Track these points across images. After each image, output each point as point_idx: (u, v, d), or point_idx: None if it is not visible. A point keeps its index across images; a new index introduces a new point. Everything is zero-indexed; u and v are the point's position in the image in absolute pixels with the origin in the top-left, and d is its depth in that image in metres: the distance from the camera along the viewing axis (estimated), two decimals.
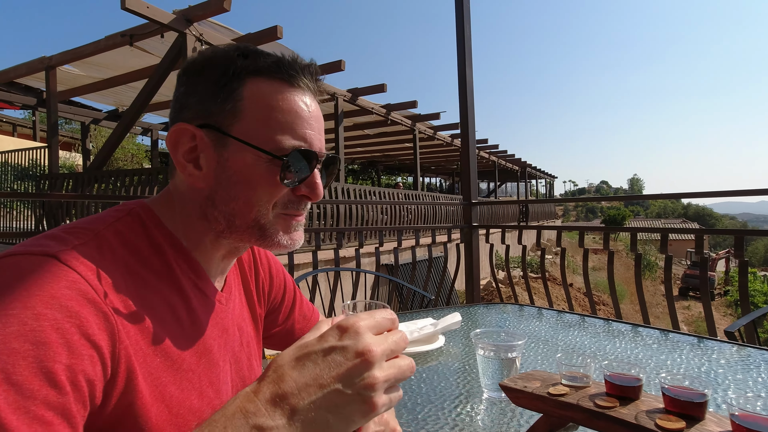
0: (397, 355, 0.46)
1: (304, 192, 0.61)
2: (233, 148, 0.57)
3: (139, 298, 0.52)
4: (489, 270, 3.75)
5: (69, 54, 6.55)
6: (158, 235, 0.58)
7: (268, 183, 0.57)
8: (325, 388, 0.41)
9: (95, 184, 6.85)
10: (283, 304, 0.84)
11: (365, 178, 26.40)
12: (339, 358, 0.42)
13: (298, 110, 0.59)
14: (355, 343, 0.42)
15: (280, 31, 5.66)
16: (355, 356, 0.42)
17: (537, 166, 26.01)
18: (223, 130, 0.57)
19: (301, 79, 0.60)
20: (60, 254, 0.47)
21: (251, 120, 0.57)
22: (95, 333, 0.44)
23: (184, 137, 0.58)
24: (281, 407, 0.40)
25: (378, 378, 0.42)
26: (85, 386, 0.42)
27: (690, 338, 1.27)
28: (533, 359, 1.11)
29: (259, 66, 0.58)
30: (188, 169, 0.58)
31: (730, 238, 2.56)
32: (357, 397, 0.41)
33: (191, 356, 0.56)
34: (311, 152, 0.59)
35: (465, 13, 3.40)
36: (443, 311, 1.56)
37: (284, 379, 0.41)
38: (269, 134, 0.57)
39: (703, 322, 15.66)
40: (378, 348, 0.43)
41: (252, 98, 0.57)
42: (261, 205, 0.58)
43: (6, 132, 14.05)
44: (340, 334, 0.43)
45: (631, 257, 18.03)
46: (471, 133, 3.48)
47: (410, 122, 11.32)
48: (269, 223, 0.59)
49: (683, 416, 0.56)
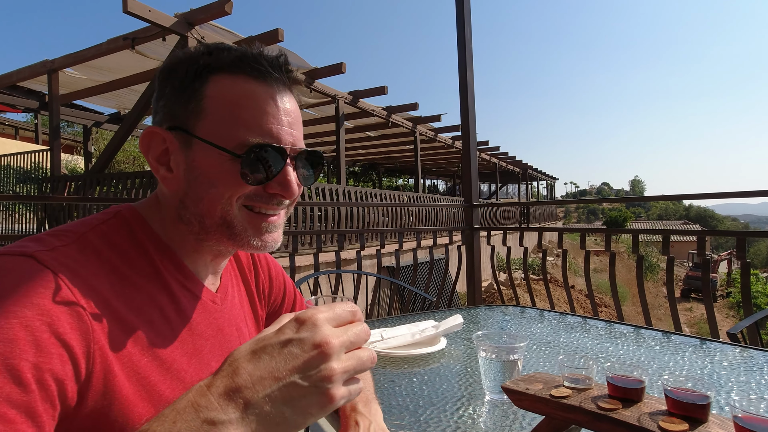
0: (358, 346, 0.45)
1: (276, 190, 0.58)
2: (197, 147, 0.56)
3: (124, 299, 0.52)
4: (490, 272, 3.75)
5: (71, 57, 6.57)
6: (143, 237, 0.58)
7: (228, 180, 0.56)
8: (281, 380, 0.40)
9: (97, 187, 6.86)
10: (283, 306, 0.84)
11: (366, 180, 26.42)
12: (295, 350, 0.41)
13: (263, 105, 0.57)
14: (312, 335, 0.41)
15: (282, 33, 5.68)
16: (312, 348, 0.41)
17: (538, 168, 26.01)
18: (188, 130, 0.56)
19: (268, 73, 0.58)
20: (37, 254, 0.47)
21: (213, 118, 0.56)
22: (66, 332, 0.44)
23: (154, 141, 0.59)
24: (234, 401, 0.39)
25: (335, 370, 0.41)
26: (53, 385, 0.42)
27: (692, 340, 1.27)
28: (535, 361, 1.10)
29: (221, 62, 0.57)
30: (161, 173, 0.59)
31: (732, 240, 2.56)
32: (314, 389, 0.40)
33: (181, 356, 0.56)
34: (277, 147, 0.57)
35: (465, 14, 3.41)
36: (445, 313, 1.56)
37: (238, 372, 0.40)
38: (231, 132, 0.55)
39: (705, 323, 15.59)
40: (336, 340, 0.42)
41: (214, 96, 0.56)
42: (224, 201, 0.57)
43: (8, 135, 14.09)
44: (298, 326, 0.42)
45: (632, 259, 17.98)
46: (472, 134, 3.48)
47: (411, 124, 11.33)
48: (236, 220, 0.58)
49: (686, 418, 0.56)
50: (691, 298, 23.10)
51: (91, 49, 6.27)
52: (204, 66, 0.57)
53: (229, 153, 0.55)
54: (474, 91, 3.49)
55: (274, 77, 0.58)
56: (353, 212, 7.79)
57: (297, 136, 0.60)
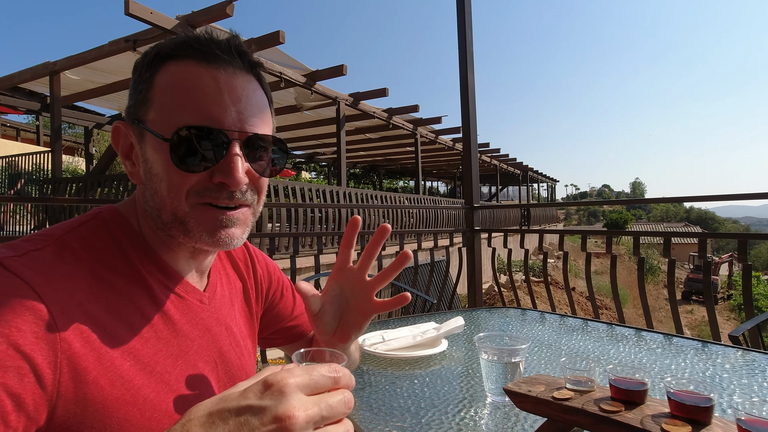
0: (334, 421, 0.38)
1: (220, 178, 0.54)
2: (147, 138, 0.55)
3: (103, 302, 0.50)
4: (491, 274, 3.74)
5: (73, 59, 6.60)
6: (123, 237, 0.57)
7: (172, 170, 0.53)
8: None
9: (98, 188, 6.87)
10: (282, 301, 0.83)
11: (367, 182, 26.43)
12: (253, 422, 0.35)
13: (202, 87, 0.53)
14: (275, 405, 0.35)
15: (282, 36, 5.70)
16: (273, 421, 0.35)
17: (538, 170, 26.01)
18: (140, 121, 0.55)
19: (214, 54, 0.54)
20: (5, 260, 0.46)
21: (157, 106, 0.54)
22: (27, 344, 0.42)
23: (120, 136, 0.59)
24: None
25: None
26: (6, 401, 0.40)
27: (694, 342, 1.26)
28: (536, 363, 1.10)
29: (167, 49, 0.55)
30: (128, 168, 0.59)
31: (733, 242, 2.56)
32: None
33: (166, 358, 0.55)
34: (214, 130, 0.52)
35: (466, 17, 3.42)
36: (445, 315, 1.56)
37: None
38: (170, 118, 0.53)
39: (706, 326, 15.57)
40: (302, 413, 0.35)
41: (159, 83, 0.55)
42: (173, 195, 0.54)
43: (10, 137, 14.12)
44: (263, 391, 0.37)
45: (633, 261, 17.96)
46: (473, 136, 3.48)
47: (412, 126, 11.35)
48: (187, 216, 0.55)
49: (689, 421, 0.56)
50: (692, 301, 23.08)
51: (92, 51, 6.29)
52: (154, 55, 0.56)
53: (161, 138, 0.53)
54: (475, 93, 3.50)
55: (222, 59, 0.55)
56: (354, 214, 7.79)
57: (247, 120, 0.55)
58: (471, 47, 3.46)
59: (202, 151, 0.53)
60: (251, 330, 0.76)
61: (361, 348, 1.19)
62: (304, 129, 11.03)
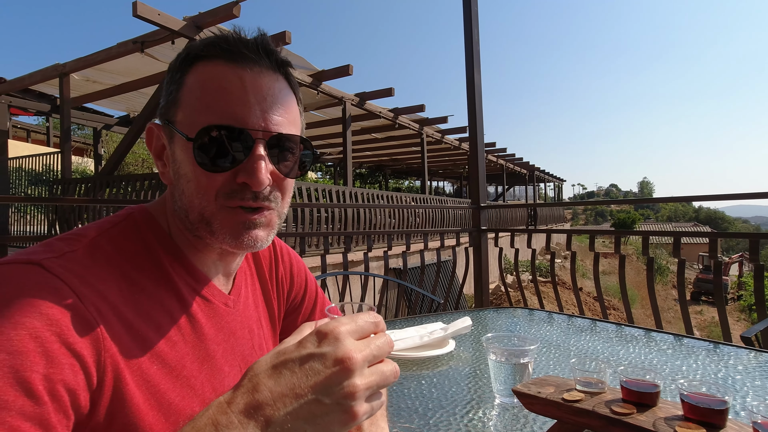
0: (381, 360, 0.43)
1: (243, 178, 0.53)
2: (176, 139, 0.55)
3: (133, 305, 0.51)
4: (498, 274, 3.73)
5: (82, 61, 6.66)
6: (153, 240, 0.57)
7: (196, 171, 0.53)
8: (302, 398, 0.38)
9: (107, 189, 6.93)
10: (303, 304, 0.82)
11: (373, 182, 26.44)
12: (317, 366, 0.39)
13: (227, 86, 0.53)
14: (335, 350, 0.40)
15: (289, 36, 5.71)
16: (334, 364, 0.39)
17: (545, 170, 25.87)
18: (170, 122, 0.56)
19: (240, 54, 0.54)
20: (44, 262, 0.46)
21: (185, 106, 0.55)
22: (76, 342, 0.43)
23: (152, 137, 0.59)
24: (255, 418, 0.38)
25: (358, 386, 0.39)
26: (65, 396, 0.41)
27: (705, 343, 1.25)
28: (545, 364, 1.09)
29: (197, 49, 0.56)
30: (159, 168, 0.59)
31: (743, 242, 2.52)
32: (336, 407, 0.39)
33: (192, 363, 0.55)
34: (237, 129, 0.52)
35: (473, 16, 3.40)
36: (452, 315, 1.55)
37: (259, 388, 0.39)
38: (196, 118, 0.53)
39: (715, 327, 15.39)
40: (359, 354, 0.40)
41: (189, 84, 0.55)
42: (201, 196, 0.54)
43: (20, 138, 14.30)
44: (319, 340, 0.41)
45: (641, 261, 17.83)
46: (479, 136, 3.47)
47: (418, 126, 11.33)
48: (213, 216, 0.55)
49: (703, 423, 0.55)
50: (702, 301, 22.81)
51: (101, 52, 6.35)
52: (185, 55, 0.56)
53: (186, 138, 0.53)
54: (481, 93, 3.48)
55: (249, 58, 0.55)
56: (360, 214, 7.80)
57: (273, 120, 0.55)
58: (477, 46, 3.45)
59: (226, 151, 0.52)
60: (273, 332, 0.75)
61: None
62: (310, 129, 11.05)
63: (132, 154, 13.90)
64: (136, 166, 14.90)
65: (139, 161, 14.99)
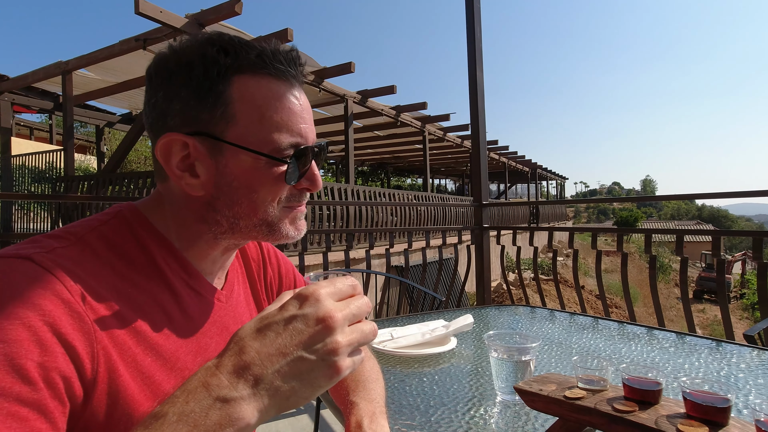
0: (360, 320, 0.46)
1: (305, 186, 0.61)
2: (230, 153, 0.55)
3: (126, 299, 0.51)
4: (500, 272, 3.72)
5: (84, 58, 6.67)
6: (146, 236, 0.57)
7: (270, 184, 0.57)
8: (288, 356, 0.41)
9: (109, 186, 6.96)
10: None
11: (375, 180, 26.43)
12: (300, 326, 0.42)
13: (290, 105, 0.58)
14: (316, 311, 0.42)
15: (291, 33, 5.70)
16: (316, 323, 0.42)
17: (547, 168, 25.80)
18: (216, 136, 0.55)
19: (287, 71, 0.58)
20: (34, 256, 0.46)
21: (245, 123, 0.55)
22: (68, 333, 0.44)
23: (175, 147, 0.55)
24: (245, 377, 0.40)
25: (341, 343, 0.42)
26: (60, 383, 0.42)
27: (707, 341, 1.24)
28: (546, 362, 1.09)
29: (242, 62, 0.55)
30: (185, 179, 0.56)
31: (746, 240, 2.51)
32: (321, 362, 0.42)
33: (186, 354, 0.56)
34: (309, 147, 0.59)
35: (475, 13, 3.39)
36: (454, 313, 1.55)
37: (245, 350, 0.41)
38: (265, 135, 0.56)
39: (718, 325, 15.35)
40: (339, 314, 0.43)
41: (242, 99, 0.55)
42: (266, 204, 0.58)
43: (23, 135, 14.35)
44: (300, 303, 0.43)
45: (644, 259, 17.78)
46: (482, 134, 3.46)
47: (420, 124, 11.31)
48: (277, 219, 0.60)
49: (705, 421, 0.55)
50: (704, 300, 22.75)
51: (103, 50, 6.35)
52: (226, 67, 0.55)
53: (270, 157, 0.56)
54: (484, 91, 3.47)
55: (292, 74, 0.59)
56: (362, 211, 7.80)
57: (314, 132, 0.62)
58: (480, 44, 3.43)
59: (299, 165, 0.58)
60: None
61: (369, 346, 1.19)
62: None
63: (135, 152, 13.92)
64: (139, 163, 14.93)
65: (141, 159, 15.02)
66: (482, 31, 3.47)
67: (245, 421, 0.39)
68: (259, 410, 0.40)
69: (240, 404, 0.39)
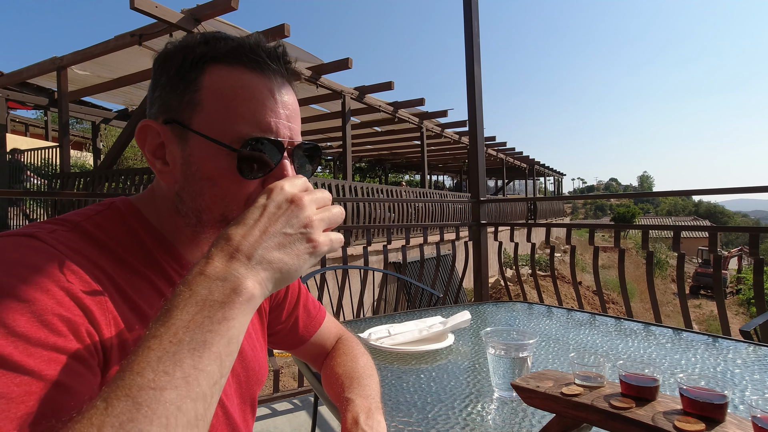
0: (325, 204, 0.51)
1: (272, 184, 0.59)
2: (194, 141, 0.55)
3: (126, 280, 0.52)
4: (497, 268, 3.72)
5: (79, 54, 6.61)
6: (138, 227, 0.58)
7: (229, 178, 0.55)
8: (270, 234, 0.45)
9: (106, 183, 6.92)
10: (286, 299, 0.83)
11: (372, 176, 26.39)
12: (273, 209, 0.47)
13: (262, 98, 0.55)
14: (284, 195, 0.48)
15: (288, 29, 5.66)
16: (288, 204, 0.47)
17: (545, 164, 25.81)
18: (184, 123, 0.55)
19: (266, 64, 0.56)
20: (38, 234, 0.48)
21: (210, 111, 0.54)
22: (84, 298, 0.45)
23: (149, 134, 0.57)
24: (237, 258, 0.43)
25: (312, 218, 0.48)
26: (87, 338, 0.43)
27: (704, 337, 1.25)
28: (544, 358, 1.09)
29: (218, 52, 0.55)
30: (158, 166, 0.58)
31: (742, 236, 2.52)
32: (299, 236, 0.47)
33: None
34: (275, 141, 0.55)
35: (473, 9, 3.37)
36: (452, 309, 1.55)
37: (232, 238, 0.44)
38: (227, 125, 0.54)
39: (714, 320, 15.44)
40: (304, 195, 0.49)
41: (211, 87, 0.55)
42: (228, 200, 0.56)
43: (19, 132, 14.23)
44: (268, 194, 0.48)
45: (640, 255, 17.89)
46: (479, 130, 3.45)
47: (418, 120, 11.28)
48: None
49: (702, 418, 0.55)
50: (701, 295, 22.87)
51: (99, 45, 6.29)
52: (200, 56, 0.55)
53: (226, 147, 0.54)
54: (481, 87, 3.46)
55: (272, 68, 0.57)
56: (359, 208, 7.79)
57: (295, 130, 0.59)
58: (477, 39, 3.42)
59: (264, 161, 0.56)
60: (261, 326, 0.77)
61: (367, 342, 1.19)
62: (310, 123, 11.00)
63: (131, 148, 13.83)
64: (135, 160, 14.84)
65: (138, 155, 14.92)
66: (480, 27, 3.46)
67: (249, 292, 0.42)
68: (259, 282, 0.43)
69: (239, 279, 0.42)
